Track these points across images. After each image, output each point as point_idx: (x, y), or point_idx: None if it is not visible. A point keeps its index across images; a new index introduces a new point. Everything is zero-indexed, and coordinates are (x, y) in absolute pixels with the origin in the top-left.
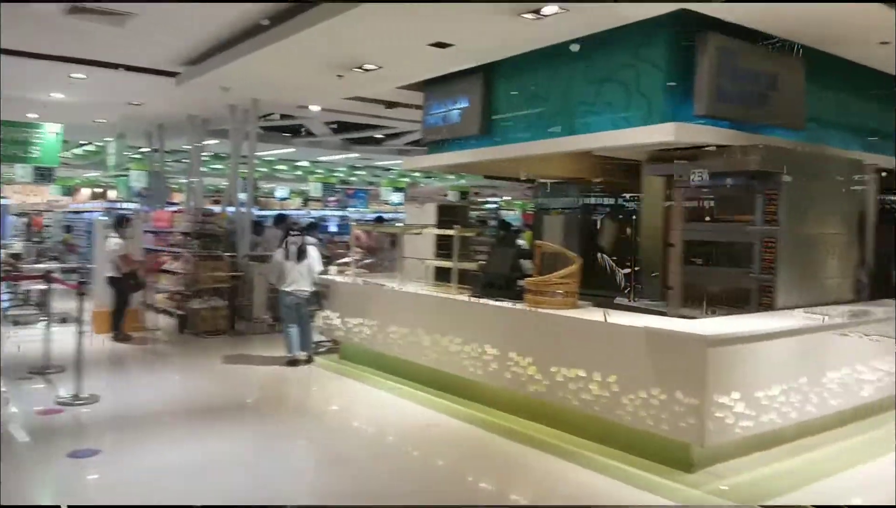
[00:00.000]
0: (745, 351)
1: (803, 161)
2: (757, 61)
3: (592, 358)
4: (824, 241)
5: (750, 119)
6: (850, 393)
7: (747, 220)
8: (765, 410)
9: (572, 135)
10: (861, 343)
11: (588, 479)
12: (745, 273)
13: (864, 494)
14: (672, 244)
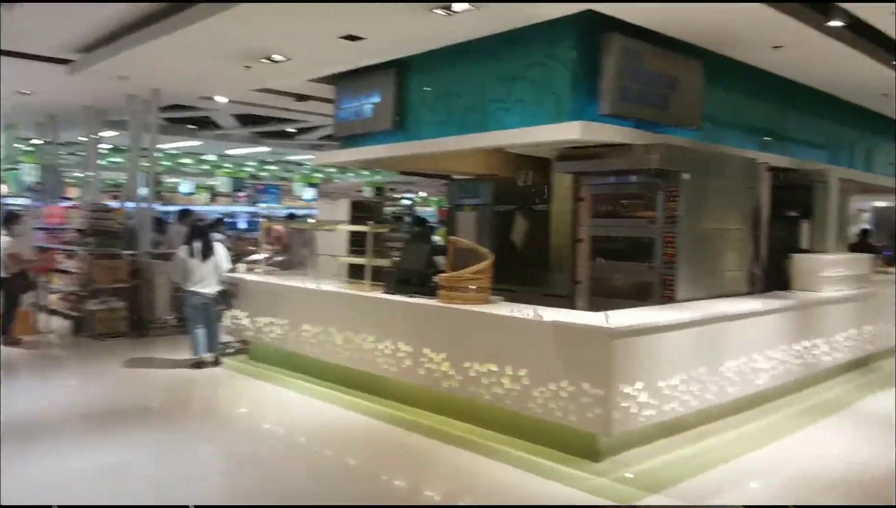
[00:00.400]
0: (648, 343)
1: (702, 159)
2: (658, 63)
3: (504, 352)
4: (722, 236)
5: (652, 119)
6: (747, 381)
7: (650, 216)
8: (667, 399)
9: (485, 131)
10: (756, 333)
11: (500, 472)
12: (648, 267)
13: (760, 477)
14: (580, 239)
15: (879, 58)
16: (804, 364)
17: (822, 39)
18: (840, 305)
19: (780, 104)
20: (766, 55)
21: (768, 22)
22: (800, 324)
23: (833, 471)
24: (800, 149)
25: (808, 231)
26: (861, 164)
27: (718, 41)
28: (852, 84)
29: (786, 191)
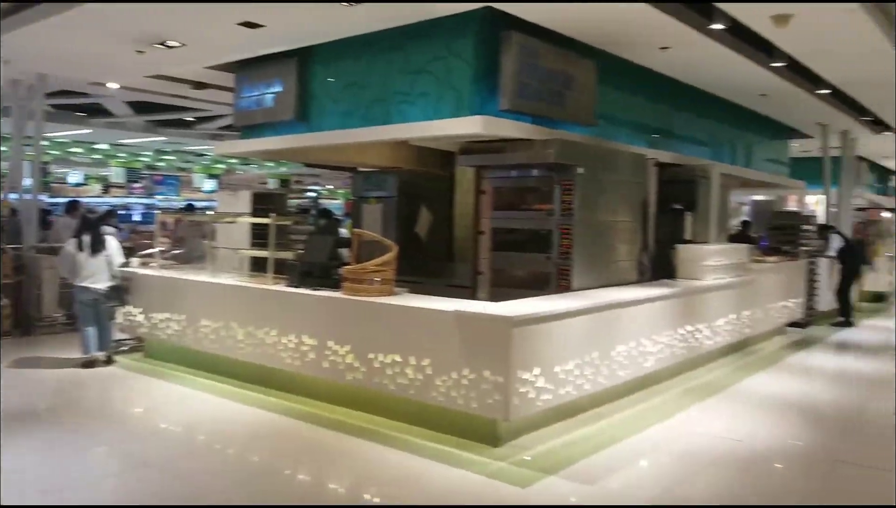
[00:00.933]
0: (545, 330)
1: (595, 155)
2: (555, 61)
3: (408, 343)
4: (613, 228)
5: (549, 115)
6: (636, 364)
7: (548, 209)
8: (563, 384)
9: (389, 124)
10: (645, 319)
11: (403, 461)
12: (546, 258)
13: (649, 455)
14: (482, 232)
15: (758, 60)
16: (688, 347)
17: (705, 41)
18: (720, 292)
19: (668, 103)
20: (654, 56)
21: (655, 24)
22: (684, 310)
23: (715, 447)
24: (685, 145)
25: (691, 223)
26: (741, 161)
27: (610, 41)
28: (733, 85)
29: (672, 185)
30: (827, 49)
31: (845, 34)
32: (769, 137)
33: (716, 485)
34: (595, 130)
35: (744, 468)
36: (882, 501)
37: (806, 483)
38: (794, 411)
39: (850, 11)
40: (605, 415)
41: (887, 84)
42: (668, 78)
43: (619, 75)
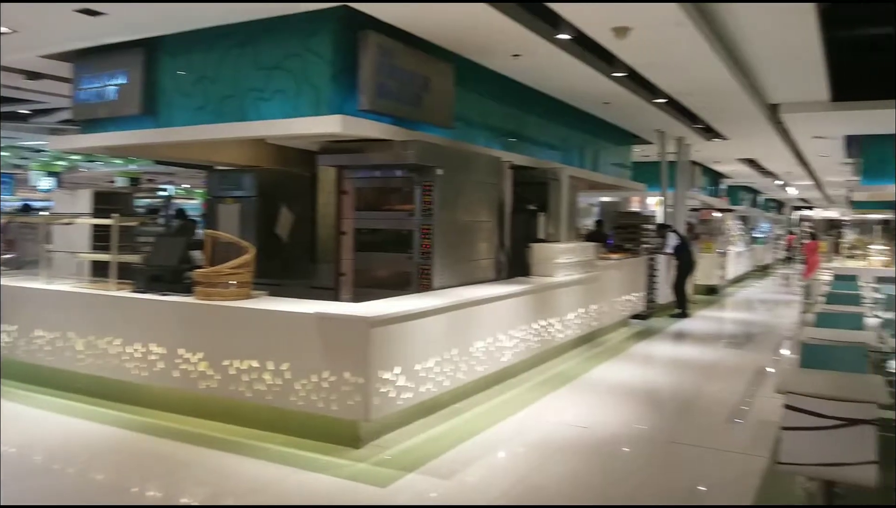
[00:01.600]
0: (405, 329)
1: (453, 156)
2: (412, 63)
3: (266, 347)
4: (472, 228)
5: (408, 116)
6: (493, 359)
7: (409, 209)
8: (423, 381)
9: (243, 121)
10: (501, 315)
11: (259, 470)
12: (407, 258)
13: (506, 445)
14: (344, 232)
15: (601, 69)
16: (542, 341)
17: (552, 50)
18: (570, 288)
19: (522, 108)
20: (507, 62)
21: (507, 31)
22: (538, 306)
23: (565, 435)
24: (538, 149)
25: (544, 222)
26: (589, 164)
27: (466, 47)
28: (580, 92)
29: (526, 187)
30: (661, 61)
31: (677, 47)
32: (614, 143)
33: (566, 471)
34: (453, 133)
35: (591, 452)
36: (711, 478)
37: (647, 463)
38: (637, 397)
39: (681, 26)
40: (465, 410)
41: (715, 94)
42: (521, 84)
43: (476, 80)
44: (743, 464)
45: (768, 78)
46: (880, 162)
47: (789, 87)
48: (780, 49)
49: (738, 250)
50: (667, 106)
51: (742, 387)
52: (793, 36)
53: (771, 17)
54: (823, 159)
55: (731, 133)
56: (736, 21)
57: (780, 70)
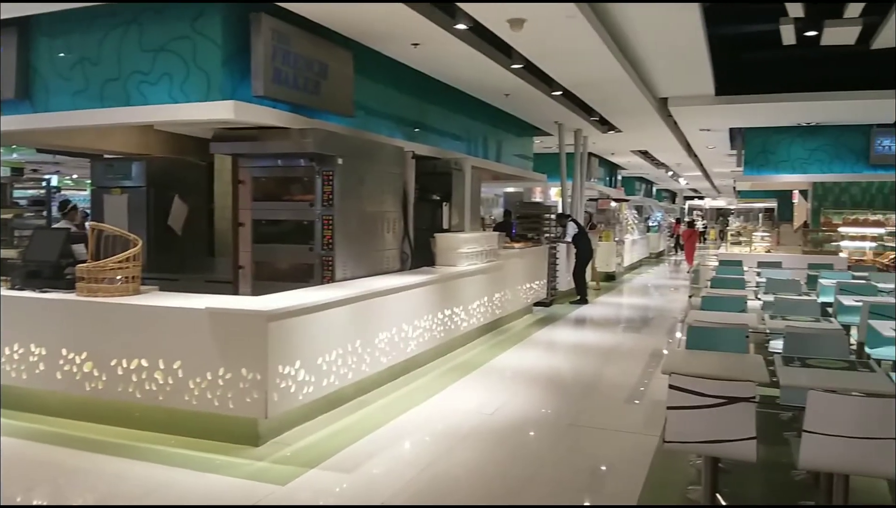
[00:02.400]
0: (305, 322)
1: (354, 146)
2: (309, 49)
3: (155, 345)
4: (375, 218)
5: (306, 103)
6: (398, 349)
7: (309, 200)
8: (325, 375)
9: (127, 106)
10: (406, 305)
11: (152, 473)
12: (309, 249)
13: (412, 435)
14: (241, 223)
15: (500, 61)
16: (446, 330)
17: (451, 40)
18: (474, 277)
19: (425, 98)
20: (407, 51)
21: (405, 19)
22: (442, 295)
23: (471, 421)
24: (442, 139)
25: (448, 212)
26: (493, 155)
27: (364, 34)
28: (480, 83)
29: (429, 177)
30: (556, 53)
31: (570, 40)
32: (516, 134)
33: (470, 457)
34: (354, 122)
35: (495, 438)
36: (608, 457)
37: (548, 445)
38: (541, 382)
39: (573, 19)
40: (370, 402)
41: (608, 88)
42: (423, 74)
43: (377, 68)
44: (638, 443)
45: (657, 72)
46: (761, 153)
47: (677, 82)
48: (667, 45)
49: (634, 238)
50: (564, 98)
51: (639, 369)
52: (679, 32)
53: (658, 13)
54: (710, 151)
55: (624, 125)
56: (626, 17)
57: (667, 65)
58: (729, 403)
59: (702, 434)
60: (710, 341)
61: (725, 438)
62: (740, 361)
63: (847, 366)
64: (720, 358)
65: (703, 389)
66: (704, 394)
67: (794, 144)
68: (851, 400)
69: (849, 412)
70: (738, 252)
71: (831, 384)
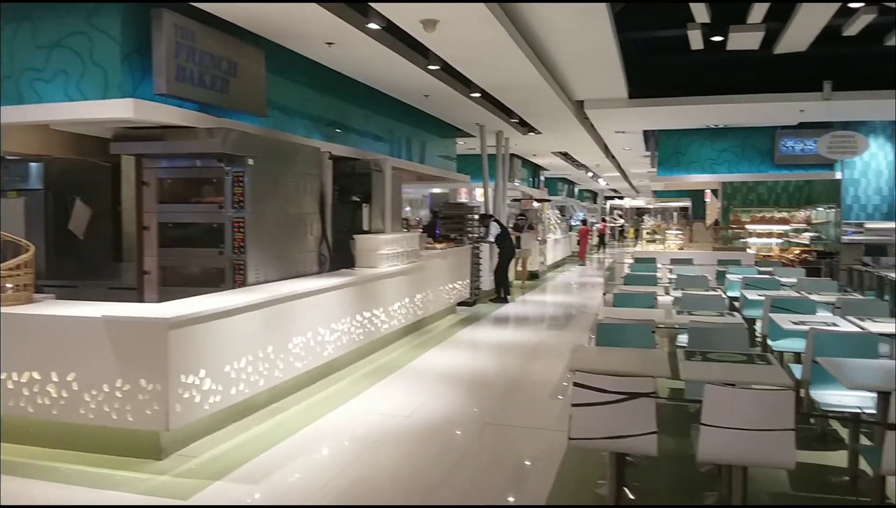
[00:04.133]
0: (210, 329)
1: (267, 146)
2: (217, 46)
3: (48, 356)
4: (290, 220)
5: (214, 102)
6: (315, 354)
7: (219, 202)
8: (234, 383)
9: (20, 104)
10: (322, 308)
11: (48, 493)
12: (219, 253)
13: (323, 442)
14: (146, 227)
15: (417, 62)
16: (366, 332)
17: (365, 40)
18: (395, 278)
19: (343, 98)
20: (321, 51)
21: (316, 18)
22: (361, 298)
23: (388, 424)
24: (362, 140)
25: (368, 214)
26: (416, 156)
27: (275, 31)
28: (399, 84)
29: (349, 178)
30: (472, 55)
31: (485, 43)
32: (439, 135)
33: (385, 461)
34: (268, 121)
35: (412, 440)
36: (523, 454)
37: (465, 446)
38: (463, 382)
39: (486, 21)
40: (283, 409)
41: (525, 90)
42: (341, 74)
43: (292, 67)
44: (555, 440)
45: (572, 76)
46: (673, 154)
47: (591, 85)
48: (580, 49)
49: (557, 237)
50: (483, 100)
51: (562, 366)
52: (591, 37)
53: (570, 18)
54: (627, 152)
55: (544, 127)
56: (539, 21)
57: (582, 69)
58: (630, 399)
59: (605, 431)
60: (618, 337)
61: (627, 434)
62: (645, 357)
63: (745, 359)
64: (626, 354)
65: (605, 386)
66: (606, 391)
67: (704, 146)
68: (746, 393)
69: (743, 405)
70: (653, 249)
71: (728, 377)
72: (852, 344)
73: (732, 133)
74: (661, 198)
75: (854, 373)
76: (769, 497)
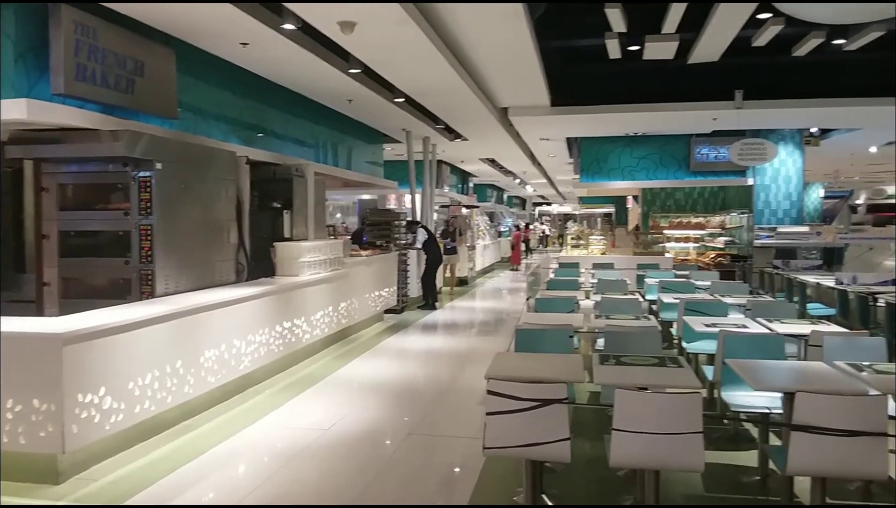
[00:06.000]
0: (111, 344)
1: (177, 150)
2: (122, 45)
3: None
4: (204, 228)
5: (120, 104)
6: (229, 367)
7: (125, 208)
8: (139, 400)
9: None
10: (238, 320)
11: None
12: (125, 262)
13: (239, 458)
14: (46, 235)
15: (337, 65)
16: (286, 343)
17: (282, 41)
18: (318, 287)
19: (263, 101)
20: (236, 51)
21: (229, 17)
22: (281, 307)
23: (306, 438)
24: (282, 144)
25: (290, 220)
26: (342, 162)
27: (186, 31)
28: (320, 88)
29: (269, 183)
30: (392, 59)
31: (405, 47)
32: (364, 141)
33: (301, 476)
34: (179, 124)
35: (331, 453)
36: (444, 464)
37: (386, 457)
38: (388, 391)
39: (403, 23)
40: (195, 426)
41: (449, 96)
42: (260, 76)
43: (206, 68)
44: (477, 448)
45: (496, 83)
46: (595, 161)
47: (515, 92)
48: (501, 56)
49: (486, 243)
50: (408, 105)
51: None
52: (511, 44)
53: (488, 23)
54: (552, 159)
55: (470, 134)
56: (459, 26)
57: (504, 76)
58: (543, 405)
59: (519, 439)
60: (538, 343)
61: (541, 441)
62: (562, 362)
63: (658, 362)
64: (544, 359)
65: (518, 393)
66: (520, 398)
67: (624, 153)
68: (655, 397)
69: (653, 409)
70: (578, 254)
71: (640, 381)
72: (760, 345)
73: (650, 141)
74: (587, 204)
75: (761, 374)
76: (683, 499)
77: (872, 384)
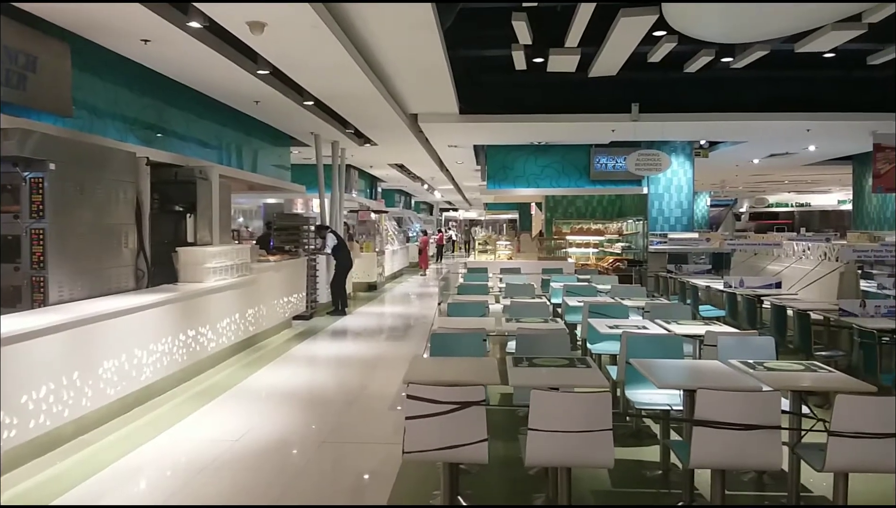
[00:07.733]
0: (1, 355)
1: (72, 150)
2: (13, 38)
3: None
4: (101, 232)
5: (9, 100)
6: (130, 378)
7: (14, 211)
8: (33, 415)
9: None
10: (138, 328)
11: None
12: (15, 268)
13: (142, 472)
14: None
15: (245, 66)
16: (190, 352)
17: (186, 39)
18: (223, 293)
19: (165, 101)
20: (137, 48)
21: (130, 13)
22: (184, 315)
23: (212, 450)
24: (185, 146)
25: (193, 225)
26: (247, 165)
27: (83, 26)
28: (226, 88)
29: (171, 186)
30: (303, 62)
31: (316, 50)
32: (272, 143)
33: (208, 490)
34: (74, 122)
35: (240, 465)
36: (358, 470)
37: (297, 466)
38: (298, 399)
39: (315, 26)
40: (94, 441)
41: (359, 101)
42: (162, 75)
43: (104, 65)
44: (391, 453)
45: (406, 89)
46: (501, 169)
47: (424, 99)
48: (412, 63)
49: (394, 249)
50: (317, 109)
51: (400, 377)
52: (422, 52)
53: (401, 33)
54: (459, 166)
55: (379, 139)
56: (371, 34)
57: (414, 83)
58: (462, 408)
59: (438, 442)
60: (452, 347)
61: (459, 443)
62: (477, 365)
63: (567, 363)
64: (460, 363)
65: (437, 396)
66: (438, 401)
67: (529, 161)
68: (568, 397)
69: (566, 408)
70: (485, 260)
71: (551, 381)
72: (660, 345)
73: (553, 150)
74: (493, 210)
75: (663, 373)
76: (592, 496)
77: (765, 381)
